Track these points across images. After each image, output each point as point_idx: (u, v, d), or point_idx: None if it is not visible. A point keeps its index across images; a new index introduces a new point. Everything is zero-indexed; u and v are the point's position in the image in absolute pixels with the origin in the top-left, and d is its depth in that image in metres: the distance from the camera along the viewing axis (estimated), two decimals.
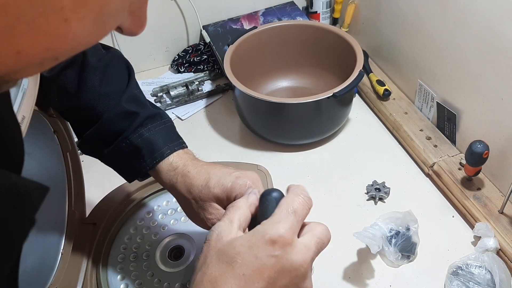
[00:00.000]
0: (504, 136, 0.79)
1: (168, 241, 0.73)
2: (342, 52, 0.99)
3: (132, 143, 0.60)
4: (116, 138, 0.61)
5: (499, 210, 0.79)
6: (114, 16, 0.29)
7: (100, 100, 0.61)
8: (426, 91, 0.96)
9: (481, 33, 0.77)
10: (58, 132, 0.68)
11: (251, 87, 0.93)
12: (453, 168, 0.87)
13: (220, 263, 0.41)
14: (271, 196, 0.45)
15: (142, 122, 0.61)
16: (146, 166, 0.60)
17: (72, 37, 0.27)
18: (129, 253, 0.72)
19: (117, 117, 0.60)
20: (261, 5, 1.22)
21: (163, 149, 0.60)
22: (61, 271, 0.69)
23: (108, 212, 0.76)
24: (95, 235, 0.74)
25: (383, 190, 0.87)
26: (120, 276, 0.69)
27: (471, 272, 0.72)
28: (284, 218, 0.41)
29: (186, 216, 0.72)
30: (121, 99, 0.61)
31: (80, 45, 0.28)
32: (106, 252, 0.72)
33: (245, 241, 0.41)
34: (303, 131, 0.96)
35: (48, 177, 0.71)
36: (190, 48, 1.20)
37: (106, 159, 0.64)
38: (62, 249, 0.71)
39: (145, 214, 0.77)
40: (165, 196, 0.78)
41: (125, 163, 0.62)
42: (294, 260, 0.40)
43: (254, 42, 1.04)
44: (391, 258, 0.75)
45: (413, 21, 0.94)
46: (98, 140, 0.62)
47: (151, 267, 0.70)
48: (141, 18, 0.33)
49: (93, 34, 0.28)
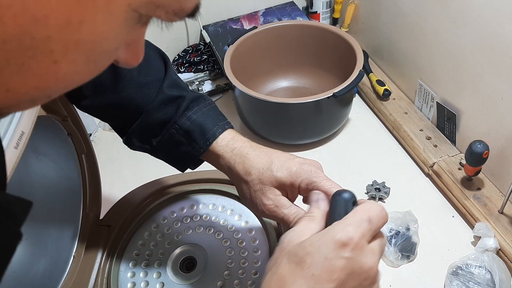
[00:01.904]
0: (504, 136, 0.79)
1: (181, 251, 0.70)
2: (342, 52, 0.99)
3: (182, 128, 0.58)
4: (163, 126, 0.59)
5: (499, 210, 0.79)
6: (106, 56, 0.28)
7: (140, 90, 0.59)
8: (426, 91, 0.96)
9: (481, 33, 0.77)
10: (72, 134, 0.67)
11: (251, 87, 0.93)
12: (453, 168, 0.87)
13: (289, 263, 0.40)
14: (343, 197, 0.45)
15: (188, 105, 0.59)
16: (200, 149, 0.58)
17: (62, 77, 0.26)
18: (141, 260, 0.69)
19: (163, 104, 0.59)
20: (261, 5, 1.22)
21: (214, 129, 0.58)
22: (72, 275, 0.68)
23: (123, 214, 0.75)
24: (108, 238, 0.72)
25: (383, 190, 0.87)
26: (131, 284, 0.68)
27: (471, 272, 0.72)
28: (358, 223, 0.41)
29: (201, 226, 0.71)
30: (163, 86, 0.59)
31: (71, 83, 0.28)
32: (119, 257, 0.70)
33: (314, 241, 0.41)
34: (303, 131, 0.96)
35: (64, 178, 0.70)
36: (190, 48, 1.21)
37: (156, 151, 0.62)
38: (74, 252, 0.70)
39: (160, 220, 0.74)
40: (181, 202, 0.76)
41: (176, 150, 0.60)
42: (364, 263, 0.40)
43: (254, 42, 1.04)
44: (391, 258, 0.75)
45: (413, 21, 0.94)
46: (146, 132, 0.60)
47: (162, 277, 0.67)
48: (137, 51, 0.33)
49: (85, 73, 0.28)
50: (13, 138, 0.47)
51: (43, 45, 0.24)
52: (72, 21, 0.24)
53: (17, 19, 0.23)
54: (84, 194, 0.72)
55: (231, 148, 0.58)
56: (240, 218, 0.71)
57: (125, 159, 0.99)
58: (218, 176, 0.75)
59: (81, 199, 0.72)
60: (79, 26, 0.24)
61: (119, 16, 0.26)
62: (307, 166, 0.53)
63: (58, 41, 0.24)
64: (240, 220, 0.71)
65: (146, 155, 0.65)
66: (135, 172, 0.96)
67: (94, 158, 0.72)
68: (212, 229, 0.71)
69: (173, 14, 0.28)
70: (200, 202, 0.75)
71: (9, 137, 0.47)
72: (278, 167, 0.54)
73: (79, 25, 0.24)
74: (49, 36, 0.24)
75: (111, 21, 0.26)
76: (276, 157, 0.55)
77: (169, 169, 0.79)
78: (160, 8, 0.27)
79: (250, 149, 0.57)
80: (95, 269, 0.70)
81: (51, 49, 0.24)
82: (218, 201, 0.75)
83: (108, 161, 0.99)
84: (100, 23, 0.25)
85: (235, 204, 0.74)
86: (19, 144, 0.48)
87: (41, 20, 0.23)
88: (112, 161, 0.99)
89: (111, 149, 1.02)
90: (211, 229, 0.71)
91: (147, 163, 0.96)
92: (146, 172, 0.93)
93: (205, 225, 0.72)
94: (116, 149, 1.02)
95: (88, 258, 0.70)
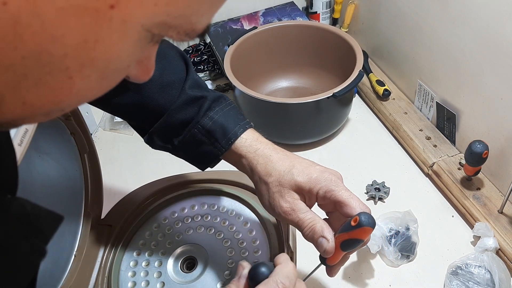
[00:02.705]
0: (503, 136, 0.79)
1: (182, 251, 0.70)
2: (342, 52, 0.99)
3: (205, 127, 0.59)
4: (185, 126, 0.60)
5: (499, 210, 0.79)
6: (118, 73, 0.29)
7: (162, 91, 0.60)
8: (426, 91, 0.96)
9: (481, 33, 0.77)
10: (74, 133, 0.67)
11: (251, 87, 0.93)
12: (452, 168, 0.87)
13: None
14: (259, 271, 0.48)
15: (210, 105, 0.60)
16: (222, 148, 0.59)
17: (76, 92, 0.27)
18: (141, 260, 0.69)
19: (185, 105, 0.60)
20: (261, 5, 1.22)
21: (236, 129, 0.59)
22: (73, 274, 0.68)
23: (124, 214, 0.75)
24: (109, 237, 0.72)
25: (382, 190, 0.87)
26: (131, 283, 0.68)
27: (471, 271, 0.72)
28: None
29: (202, 226, 0.72)
30: (185, 86, 0.60)
31: (84, 98, 0.29)
32: (120, 256, 0.70)
33: None
34: (303, 131, 0.96)
35: (66, 177, 0.70)
36: (190, 48, 1.21)
37: (177, 150, 0.63)
38: (75, 251, 0.70)
39: (161, 220, 0.74)
40: (182, 202, 0.76)
41: (198, 150, 0.61)
42: None
43: (254, 42, 1.04)
44: (391, 257, 0.76)
45: (412, 21, 0.94)
46: (168, 132, 0.61)
47: (162, 276, 0.67)
48: (148, 67, 0.33)
49: (98, 89, 0.29)
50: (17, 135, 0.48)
51: (60, 62, 0.25)
52: (88, 40, 0.25)
53: (36, 38, 0.23)
54: (86, 194, 0.72)
55: (255, 149, 0.59)
56: (240, 218, 0.71)
57: (126, 159, 0.99)
58: (220, 177, 0.76)
59: (82, 198, 0.72)
60: (95, 45, 0.25)
61: (133, 36, 0.27)
62: (327, 174, 0.55)
63: (74, 58, 0.25)
64: (241, 220, 0.71)
65: (146, 155, 0.66)
66: (136, 172, 0.96)
67: (96, 157, 0.72)
68: (213, 229, 0.71)
69: (184, 34, 0.29)
70: (201, 203, 0.75)
71: (13, 135, 0.48)
72: (299, 171, 0.55)
73: (95, 44, 0.25)
74: (66, 54, 0.25)
75: (125, 41, 0.26)
76: (298, 162, 0.57)
77: (170, 170, 0.79)
78: (172, 29, 0.28)
79: (273, 151, 0.58)
80: (96, 268, 0.70)
81: (67, 66, 0.25)
82: (219, 201, 0.75)
83: (108, 161, 0.99)
84: (115, 42, 0.26)
85: (236, 204, 0.74)
86: (23, 141, 0.49)
87: (58, 39, 0.24)
88: (113, 161, 0.99)
89: (112, 149, 1.02)
90: (211, 229, 0.71)
91: (147, 163, 0.96)
92: (147, 172, 0.94)
93: (206, 225, 0.72)
94: (117, 149, 1.02)
95: (89, 257, 0.70)
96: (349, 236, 0.49)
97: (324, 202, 0.55)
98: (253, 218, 0.71)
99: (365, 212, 0.49)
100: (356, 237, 0.49)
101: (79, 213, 0.72)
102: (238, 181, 0.76)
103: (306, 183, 0.54)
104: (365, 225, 0.47)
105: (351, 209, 0.52)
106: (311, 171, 0.55)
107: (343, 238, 0.50)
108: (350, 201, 0.52)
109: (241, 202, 0.74)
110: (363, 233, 0.48)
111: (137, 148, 0.99)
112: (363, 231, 0.48)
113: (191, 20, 0.28)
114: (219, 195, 0.75)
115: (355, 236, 0.49)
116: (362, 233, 0.48)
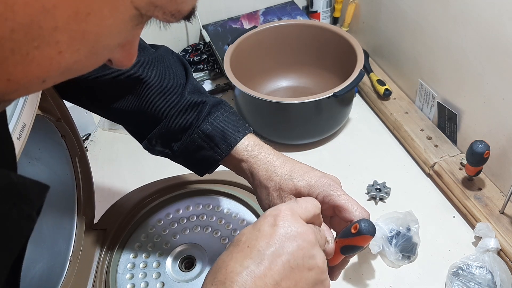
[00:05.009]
0: (505, 136, 0.78)
1: (180, 251, 0.70)
2: (343, 51, 0.99)
3: (204, 132, 0.59)
4: (185, 131, 0.60)
5: (500, 210, 0.78)
6: (108, 49, 0.29)
7: (162, 96, 0.60)
8: (427, 91, 0.96)
9: (482, 32, 0.77)
10: (66, 136, 0.66)
11: (251, 86, 0.92)
12: (454, 168, 0.87)
13: (228, 248, 0.44)
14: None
15: (209, 111, 0.60)
16: (222, 153, 0.60)
17: (64, 67, 0.27)
18: (139, 262, 0.70)
19: (185, 110, 0.60)
20: (261, 4, 1.22)
21: (235, 134, 0.60)
22: (69, 278, 0.68)
23: (118, 218, 0.75)
24: (104, 242, 0.72)
25: (383, 190, 0.87)
26: (130, 285, 0.68)
27: (472, 272, 0.71)
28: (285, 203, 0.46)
29: (198, 226, 0.72)
30: (184, 92, 0.60)
31: (70, 74, 0.29)
32: (116, 259, 0.70)
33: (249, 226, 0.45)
34: (303, 131, 0.95)
35: (58, 182, 0.69)
36: (190, 48, 1.20)
37: (176, 156, 0.63)
38: (70, 256, 0.70)
39: (156, 222, 0.74)
40: (177, 204, 0.76)
41: (197, 155, 0.61)
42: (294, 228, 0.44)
43: (254, 42, 1.03)
44: (392, 258, 0.75)
45: (413, 20, 0.94)
46: (167, 137, 0.61)
47: (161, 276, 0.67)
48: (131, 52, 0.34)
49: (85, 65, 0.29)
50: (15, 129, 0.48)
51: (50, 35, 0.25)
52: (80, 12, 0.25)
53: (27, 8, 0.23)
54: (78, 198, 0.72)
55: (256, 154, 0.59)
56: (237, 216, 0.72)
57: (124, 159, 0.99)
58: (213, 177, 0.75)
59: (75, 202, 0.72)
60: (86, 17, 0.25)
61: (124, 13, 0.27)
62: (326, 179, 0.55)
63: (65, 31, 0.25)
64: (237, 218, 0.71)
65: (145, 155, 0.65)
66: (135, 172, 0.96)
67: (87, 161, 0.72)
68: (210, 228, 0.71)
69: (170, 15, 0.30)
70: (195, 203, 0.75)
71: (12, 128, 0.48)
72: (299, 176, 0.56)
73: (86, 16, 0.25)
74: (56, 27, 0.25)
75: (116, 16, 0.27)
76: (299, 167, 0.57)
77: (169, 169, 0.79)
78: (158, 8, 0.29)
79: (275, 156, 0.59)
80: (93, 272, 0.70)
81: (57, 39, 0.25)
82: (214, 201, 0.75)
83: (107, 161, 0.98)
84: (106, 17, 0.26)
85: (231, 203, 0.74)
86: (21, 135, 0.49)
87: (50, 10, 0.24)
88: (111, 161, 0.99)
89: (111, 149, 1.02)
90: (208, 228, 0.71)
91: (146, 163, 0.96)
92: (145, 171, 0.94)
93: (202, 224, 0.72)
94: (116, 149, 1.02)
95: (85, 262, 0.70)
96: (349, 243, 0.50)
97: (323, 207, 0.55)
98: (249, 215, 0.72)
99: (365, 219, 0.49)
100: (356, 244, 0.49)
101: (72, 218, 0.72)
102: (231, 180, 0.77)
103: (305, 188, 0.55)
104: (365, 233, 0.47)
105: (349, 213, 0.53)
106: (310, 176, 0.56)
107: (343, 243, 0.50)
108: (348, 206, 0.53)
109: (236, 201, 0.74)
110: (363, 241, 0.49)
111: (136, 148, 0.98)
112: (363, 238, 0.48)
113: (176, 0, 0.29)
114: (213, 195, 0.76)
115: (355, 243, 0.49)
116: (362, 240, 0.49)
